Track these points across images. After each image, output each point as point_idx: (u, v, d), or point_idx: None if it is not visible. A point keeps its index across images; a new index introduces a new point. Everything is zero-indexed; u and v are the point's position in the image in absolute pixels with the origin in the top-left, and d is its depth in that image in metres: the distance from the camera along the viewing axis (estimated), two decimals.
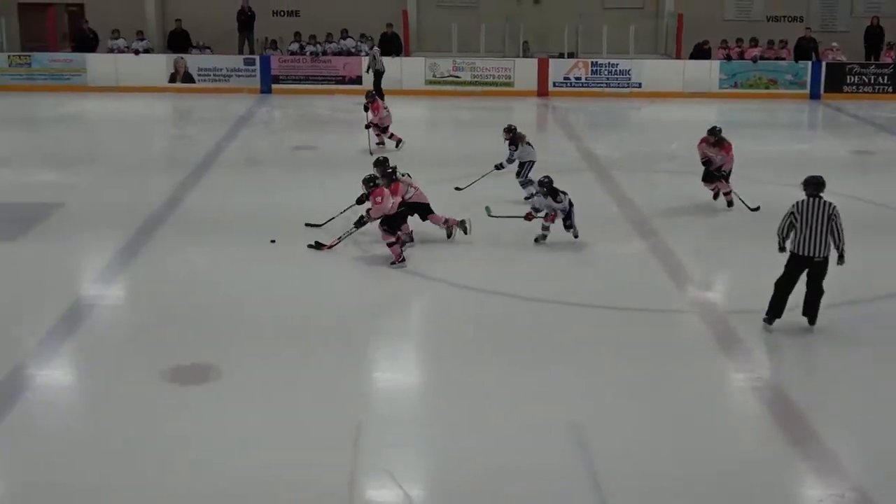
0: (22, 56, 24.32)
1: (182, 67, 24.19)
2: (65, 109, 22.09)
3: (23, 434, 7.45)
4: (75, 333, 9.65)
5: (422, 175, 14.95)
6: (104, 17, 25.26)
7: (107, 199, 14.14)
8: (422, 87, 23.97)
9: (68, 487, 6.56)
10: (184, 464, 6.83)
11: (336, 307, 9.94)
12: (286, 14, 26.19)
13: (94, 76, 24.03)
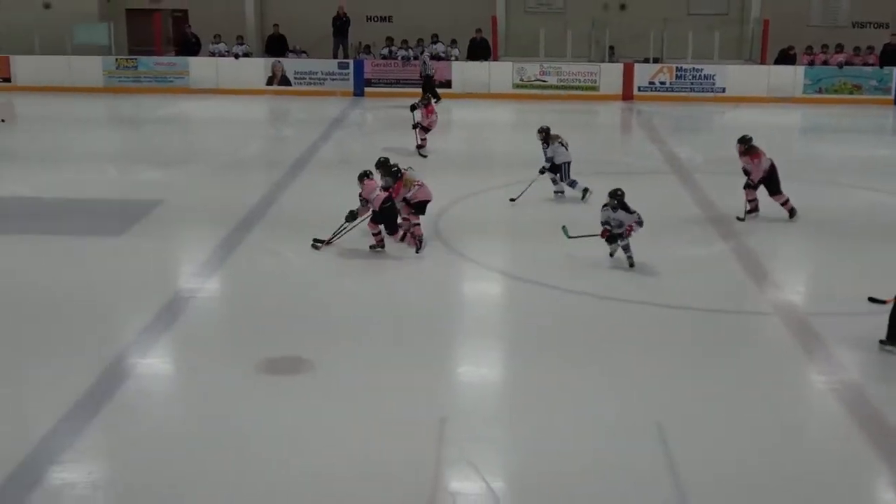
0: (129, 59, 25.16)
1: (279, 71, 24.78)
2: (167, 110, 22.73)
3: (124, 420, 7.76)
4: (173, 326, 9.92)
5: (506, 177, 15.61)
6: (206, 23, 26.06)
7: (205, 196, 14.49)
8: (509, 91, 24.25)
9: (165, 472, 6.80)
10: (271, 453, 7.02)
11: (421, 305, 10.06)
12: (379, 20, 26.68)
13: (195, 79, 24.75)
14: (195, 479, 6.69)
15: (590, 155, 17.39)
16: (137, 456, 7.06)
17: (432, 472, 6.65)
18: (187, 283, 11.16)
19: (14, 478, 6.75)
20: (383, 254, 11.73)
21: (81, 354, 8.87)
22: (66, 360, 8.72)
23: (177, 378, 9.00)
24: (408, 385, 8.07)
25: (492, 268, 11.42)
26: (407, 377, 8.26)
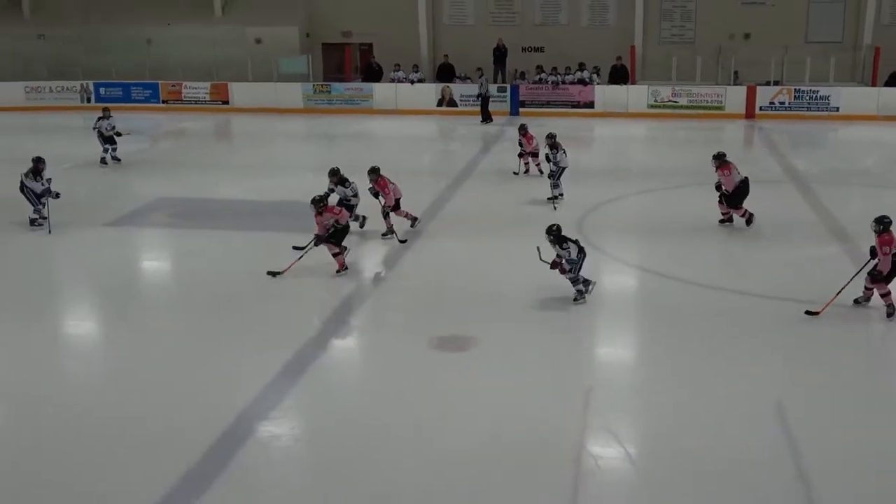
0: (324, 85, 27.46)
1: (448, 94, 26.60)
2: (355, 128, 24.55)
3: (320, 384, 8.53)
4: (363, 305, 10.79)
5: (641, 184, 16.48)
6: (388, 54, 27.93)
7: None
8: (644, 110, 25.56)
9: (355, 426, 7.46)
10: (439, 417, 7.63)
11: (567, 292, 10.21)
12: (533, 50, 27.98)
13: (378, 101, 26.65)
14: (380, 432, 7.28)
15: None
16: (331, 413, 7.81)
17: (579, 437, 7.11)
18: (370, 272, 12.00)
19: (233, 429, 7.43)
20: (530, 245, 11.06)
21: (287, 329, 9.62)
22: (274, 335, 9.51)
23: (364, 350, 9.71)
24: (557, 360, 8.69)
25: (627, 262, 11.97)
26: (556, 353, 8.86)
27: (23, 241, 13.32)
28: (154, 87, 28.28)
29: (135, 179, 18.01)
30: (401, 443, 7.16)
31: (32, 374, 8.80)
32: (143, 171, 19.11)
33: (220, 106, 27.79)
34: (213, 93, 28.00)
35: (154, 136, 23.97)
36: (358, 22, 29.02)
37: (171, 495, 6.39)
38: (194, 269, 12.39)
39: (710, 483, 6.39)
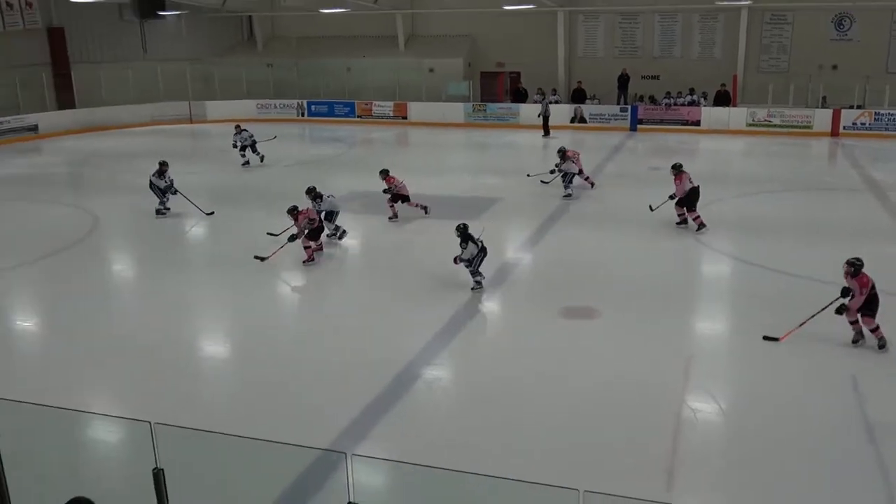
0: (481, 105, 28.60)
1: (579, 112, 27.37)
2: (504, 139, 25.40)
3: (470, 340, 8.95)
4: (504, 282, 10.96)
5: (737, 189, 16.44)
6: (532, 80, 29.02)
7: (528, 197, 15.99)
8: (743, 129, 25.60)
9: (495, 373, 7.86)
10: (562, 370, 7.87)
11: (677, 276, 10.82)
12: (650, 77, 28.50)
13: (523, 118, 27.39)
14: (517, 381, 7.70)
15: (804, 176, 18.86)
16: (477, 362, 8.41)
17: (680, 394, 7.30)
18: (514, 253, 12.30)
19: (406, 369, 7.95)
20: (645, 237, 12.55)
21: (444, 297, 10.11)
22: (436, 300, 10.06)
23: (504, 317, 10.03)
24: (665, 332, 8.83)
25: (725, 252, 12.09)
26: (664, 326, 8.97)
27: (263, 224, 14.94)
28: (351, 105, 29.83)
29: (335, 175, 19.63)
30: (529, 388, 7.55)
31: (268, 320, 10.07)
32: (341, 170, 20.77)
33: (400, 120, 29.04)
34: (396, 110, 29.21)
35: (350, 143, 25.56)
36: (509, 55, 29.87)
37: (362, 414, 7.17)
38: (378, 246, 13.49)
39: (789, 437, 6.52)
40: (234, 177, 19.57)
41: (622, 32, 28.47)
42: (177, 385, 8.21)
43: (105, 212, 16.24)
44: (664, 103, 26.53)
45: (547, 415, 7.19)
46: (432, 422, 7.35)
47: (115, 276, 12.68)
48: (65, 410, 5.63)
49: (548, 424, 7.01)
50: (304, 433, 6.17)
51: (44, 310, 11.15)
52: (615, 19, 28.25)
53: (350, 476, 3.47)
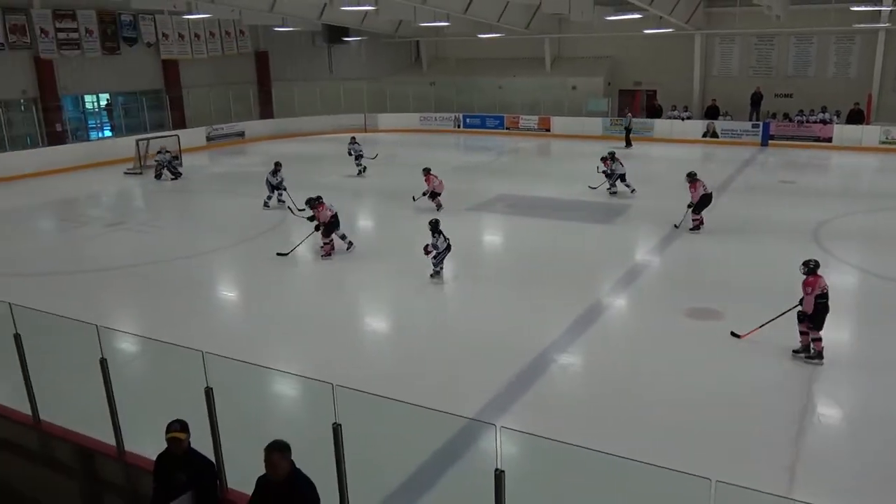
0: (618, 119, 27.45)
1: (712, 128, 26.39)
2: (638, 151, 24.35)
3: (598, 334, 8.80)
4: (633, 282, 10.83)
5: (867, 204, 15.89)
6: (667, 97, 28.41)
7: (658, 205, 15.43)
8: (876, 146, 24.09)
9: (619, 366, 7.73)
10: (687, 375, 7.55)
11: (790, 281, 9.56)
12: (783, 95, 27.00)
13: (657, 132, 26.74)
14: (644, 373, 7.61)
15: None
16: (609, 353, 8.34)
17: (805, 398, 7.01)
18: (642, 257, 12.22)
19: (542, 356, 7.99)
20: (771, 247, 12.00)
21: (576, 295, 9.98)
22: (569, 297, 9.87)
23: (633, 314, 9.74)
24: (789, 338, 8.15)
25: (852, 264, 11.46)
26: (788, 332, 8.18)
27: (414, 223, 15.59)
28: (501, 118, 30.01)
29: (485, 180, 19.98)
30: (656, 380, 7.44)
31: (412, 304, 10.40)
32: (491, 175, 20.94)
33: (543, 133, 28.96)
34: (540, 123, 29.16)
35: (499, 152, 25.61)
36: (647, 74, 29.27)
37: (504, 391, 7.22)
38: (521, 243, 13.59)
39: None
40: (396, 179, 19.88)
41: (757, 53, 27.07)
42: (347, 353, 8.78)
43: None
44: (796, 120, 25.19)
45: (672, 407, 7.00)
46: (566, 402, 7.45)
47: (296, 260, 13.29)
48: (265, 369, 6.01)
49: (673, 417, 6.82)
50: (452, 403, 6.13)
51: (244, 282, 12.20)
52: (751, 41, 26.97)
53: (499, 446, 3.46)
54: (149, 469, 4.99)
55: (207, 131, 28.79)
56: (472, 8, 25.12)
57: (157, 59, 28.74)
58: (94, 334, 5.25)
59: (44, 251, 14.29)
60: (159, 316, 10.37)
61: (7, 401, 6.40)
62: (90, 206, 18.51)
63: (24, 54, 24.14)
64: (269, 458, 4.21)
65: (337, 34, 31.93)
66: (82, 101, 27.59)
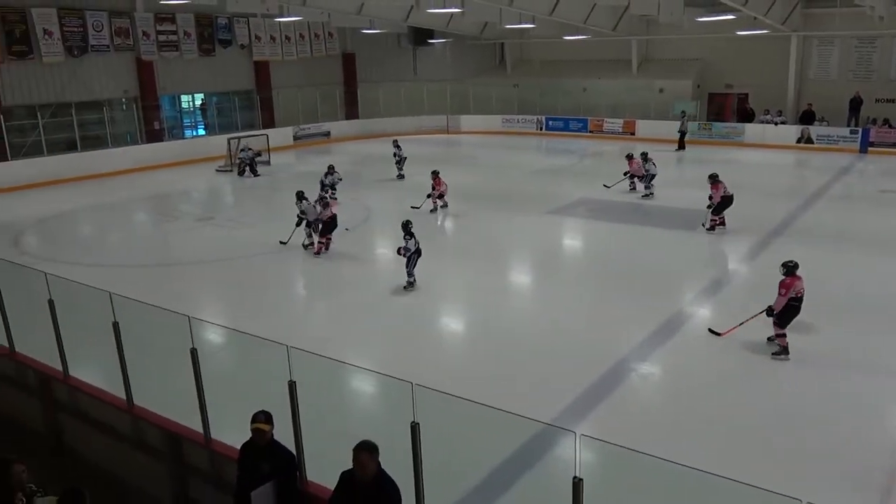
0: (706, 123, 27.52)
1: (806, 133, 25.55)
2: (727, 156, 23.80)
3: (678, 344, 8.74)
4: (719, 292, 10.71)
5: None
6: (760, 101, 27.57)
7: (747, 211, 14.82)
8: None
9: (695, 375, 7.67)
10: (773, 391, 7.40)
11: (881, 290, 9.96)
12: (885, 101, 25.77)
13: (748, 137, 26.31)
14: (727, 388, 7.46)
15: None
16: (691, 364, 8.19)
17: None
18: (729, 265, 12.15)
19: (619, 366, 7.83)
20: (868, 257, 11.74)
21: (657, 302, 9.79)
22: (650, 304, 9.70)
23: (717, 325, 9.09)
24: (884, 351, 8.22)
25: None
26: (885, 344, 8.29)
27: (495, 221, 15.77)
28: (584, 121, 29.85)
29: (565, 183, 19.94)
30: (740, 395, 7.20)
31: (490, 304, 10.55)
32: (572, 178, 20.98)
33: (628, 136, 28.43)
34: (625, 126, 28.81)
35: (581, 155, 25.56)
36: (739, 77, 28.45)
37: (578, 399, 7.18)
38: (602, 248, 13.81)
39: None
40: (478, 179, 20.36)
41: (858, 56, 25.86)
42: (424, 351, 8.94)
43: (376, 204, 17.68)
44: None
45: (759, 423, 6.84)
46: (646, 412, 7.37)
47: (380, 258, 13.53)
48: (346, 364, 6.12)
49: (761, 433, 6.64)
50: (529, 407, 6.11)
51: (325, 278, 12.50)
52: (851, 43, 25.80)
53: (578, 453, 3.41)
54: (233, 457, 5.17)
55: (295, 131, 29.70)
56: (558, 10, 24.97)
57: (250, 60, 29.81)
58: (185, 324, 5.46)
59: (140, 243, 15.13)
60: (244, 308, 10.76)
61: (105, 385, 6.74)
62: (182, 202, 19.36)
63: (127, 56, 25.47)
64: (357, 458, 4.28)
65: (422, 36, 32.48)
66: (179, 100, 28.90)
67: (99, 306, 6.16)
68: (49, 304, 6.78)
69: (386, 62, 34.19)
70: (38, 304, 6.86)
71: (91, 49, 24.19)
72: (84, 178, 22.25)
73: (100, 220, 17.81)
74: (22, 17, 22.29)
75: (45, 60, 22.98)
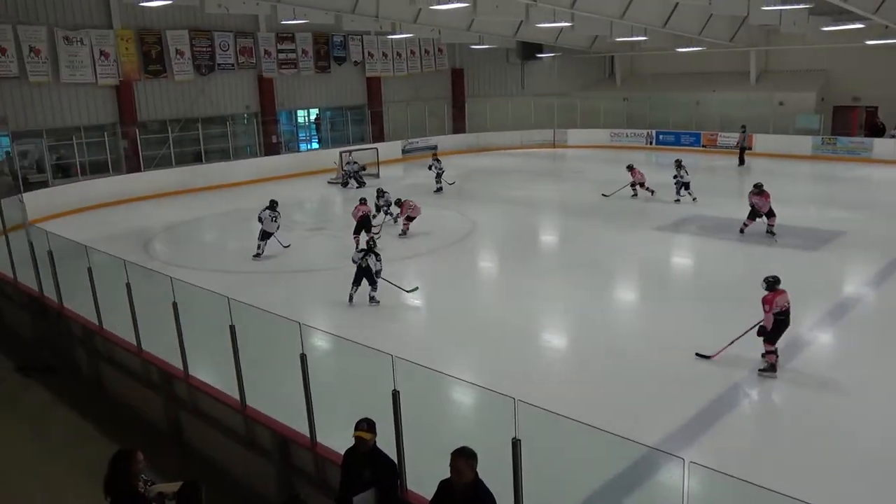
0: (831, 138, 26.25)
1: None
2: (854, 173, 23.22)
3: (800, 375, 8.13)
4: (843, 317, 10.14)
5: None
6: (892, 115, 26.09)
7: (876, 231, 14.75)
8: None
9: (829, 415, 7.21)
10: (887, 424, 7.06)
11: None
12: None
13: (877, 153, 24.95)
14: (849, 417, 7.18)
15: None
16: (810, 393, 7.82)
17: None
18: (855, 289, 11.41)
19: (731, 391, 7.50)
20: None
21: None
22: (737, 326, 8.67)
23: (841, 351, 8.93)
24: None
25: None
26: None
27: (596, 235, 15.49)
28: (697, 135, 29.19)
29: (673, 199, 19.33)
30: (859, 426, 6.88)
31: (593, 320, 10.46)
32: None
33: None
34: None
35: (692, 170, 24.89)
36: (867, 89, 27.00)
37: (686, 423, 6.94)
38: (711, 268, 13.37)
39: None
40: (582, 194, 20.26)
41: None
42: (525, 365, 8.86)
43: (481, 217, 17.80)
44: None
45: (874, 457, 6.44)
46: (758, 442, 7.02)
47: (482, 270, 13.64)
48: (448, 377, 6.17)
49: (879, 469, 6.27)
50: (632, 428, 5.93)
51: (429, 290, 12.57)
52: None
53: (686, 481, 3.27)
54: (337, 462, 5.31)
55: (403, 144, 30.40)
56: (672, 21, 24.39)
57: (362, 76, 30.81)
58: (296, 330, 5.66)
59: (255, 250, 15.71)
60: (349, 316, 10.99)
61: (220, 385, 7.10)
62: (296, 211, 20.11)
63: (249, 73, 26.94)
64: (455, 464, 4.31)
65: (531, 50, 32.64)
66: (295, 115, 30.22)
67: (216, 310, 6.48)
68: (173, 306, 7.20)
69: (494, 77, 34.60)
70: (163, 305, 7.29)
71: (218, 67, 25.74)
72: (207, 188, 23.63)
73: (220, 227, 18.85)
74: (158, 39, 24.06)
75: (177, 78, 24.68)
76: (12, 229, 11.29)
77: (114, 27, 23.00)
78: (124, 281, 7.87)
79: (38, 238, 9.87)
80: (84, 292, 8.76)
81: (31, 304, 10.73)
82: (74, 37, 22.11)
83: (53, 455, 7.55)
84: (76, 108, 22.76)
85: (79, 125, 22.77)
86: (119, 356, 8.71)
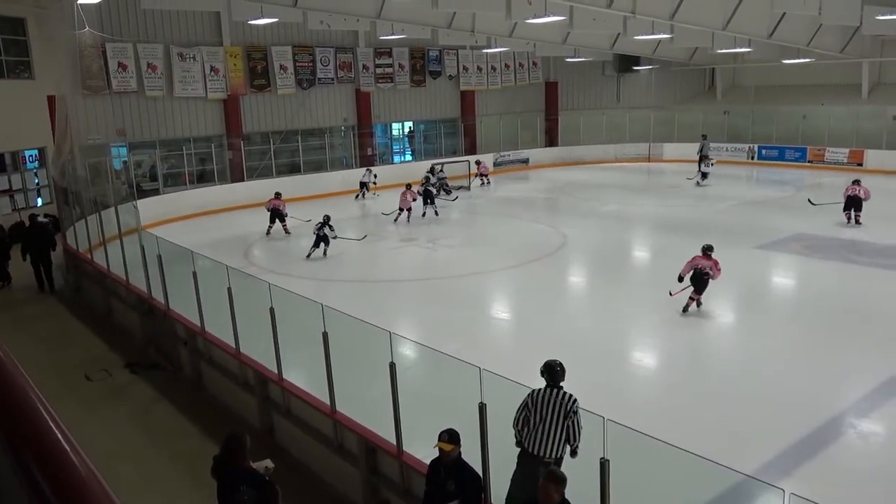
0: None
1: None
2: None
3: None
4: None
5: None
6: None
7: None
8: None
9: None
10: None
11: None
12: None
13: None
14: None
15: None
16: None
17: None
18: None
19: (835, 421, 7.21)
20: None
21: (885, 353, 8.85)
22: (877, 355, 8.82)
23: None
24: None
25: None
26: None
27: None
28: (803, 150, 28.12)
29: (778, 217, 18.52)
30: None
31: (684, 340, 10.27)
32: (785, 211, 19.32)
33: (854, 167, 25.93)
34: (851, 156, 26.72)
35: (797, 186, 23.79)
36: None
37: (785, 452, 6.66)
38: (817, 289, 12.76)
39: None
40: (680, 210, 19.89)
41: None
42: (614, 382, 8.63)
43: (573, 232, 17.61)
44: None
45: None
46: (864, 476, 6.58)
47: (573, 285, 13.47)
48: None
49: None
50: (726, 454, 5.70)
51: (517, 303, 12.74)
52: None
53: None
54: (422, 471, 5.34)
55: (495, 157, 30.49)
56: (778, 32, 23.42)
57: (457, 90, 31.14)
58: (386, 338, 5.75)
59: (350, 260, 16.14)
60: (438, 327, 11.10)
61: (312, 389, 7.29)
62: (389, 223, 20.45)
63: (348, 87, 27.76)
64: (544, 487, 4.30)
65: (627, 63, 32.15)
66: (390, 128, 30.86)
67: (309, 316, 6.66)
68: (270, 311, 7.46)
69: (589, 90, 34.28)
70: (261, 310, 7.56)
71: (318, 82, 26.66)
72: (304, 198, 24.35)
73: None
74: (263, 55, 25.17)
75: (280, 92, 25.73)
76: (127, 234, 12.00)
77: (224, 44, 24.24)
78: (226, 285, 8.21)
79: (149, 242, 10.46)
80: (188, 295, 9.20)
81: (140, 305, 11.38)
82: (188, 53, 23.44)
83: (156, 446, 7.95)
84: (187, 120, 24.11)
85: (189, 137, 24.11)
86: (218, 357, 9.10)
